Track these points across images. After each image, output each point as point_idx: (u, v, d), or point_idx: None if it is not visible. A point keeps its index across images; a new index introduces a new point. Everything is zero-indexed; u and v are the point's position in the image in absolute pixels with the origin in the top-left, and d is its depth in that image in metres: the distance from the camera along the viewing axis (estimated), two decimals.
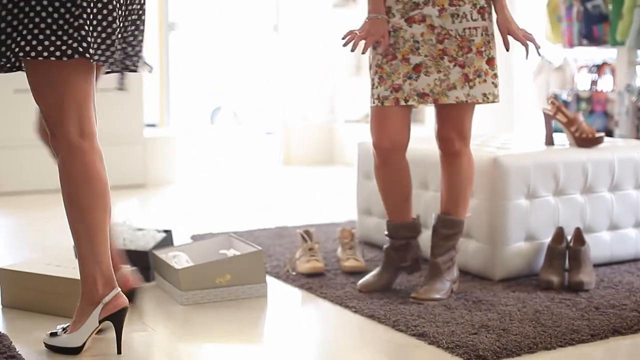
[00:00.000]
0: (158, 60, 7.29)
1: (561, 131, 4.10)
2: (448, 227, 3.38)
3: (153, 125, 7.22)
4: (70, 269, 3.24)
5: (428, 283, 3.34)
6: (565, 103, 5.57)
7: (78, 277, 3.06)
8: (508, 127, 6.31)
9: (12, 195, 5.90)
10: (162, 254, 3.57)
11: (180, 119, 9.52)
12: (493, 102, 3.27)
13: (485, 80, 3.24)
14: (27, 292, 3.24)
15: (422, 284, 3.36)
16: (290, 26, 7.98)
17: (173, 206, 5.73)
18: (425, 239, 3.58)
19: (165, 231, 3.86)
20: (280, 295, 3.48)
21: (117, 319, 2.74)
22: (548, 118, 3.97)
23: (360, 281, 3.48)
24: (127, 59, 2.86)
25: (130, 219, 3.92)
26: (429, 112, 7.24)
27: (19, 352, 2.72)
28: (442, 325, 2.97)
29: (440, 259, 3.37)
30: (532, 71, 5.98)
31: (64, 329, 2.78)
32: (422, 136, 4.26)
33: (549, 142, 3.95)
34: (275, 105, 8.18)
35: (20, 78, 2.86)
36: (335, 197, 6.01)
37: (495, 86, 3.26)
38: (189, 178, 6.93)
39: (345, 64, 7.85)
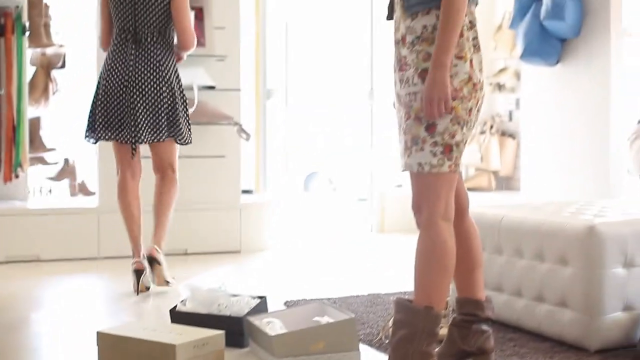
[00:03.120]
0: (254, 127, 7.41)
1: None
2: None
3: (249, 192, 7.32)
4: (165, 333, 3.30)
5: None
6: None
7: (173, 342, 3.13)
8: (605, 194, 6.18)
9: (110, 259, 6.02)
10: (257, 320, 3.60)
11: (275, 185, 9.62)
12: (430, 172, 2.94)
13: (422, 149, 2.94)
14: (125, 356, 3.30)
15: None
16: (385, 92, 8.03)
17: (267, 272, 5.78)
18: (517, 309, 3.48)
19: (260, 297, 3.90)
20: None
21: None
22: None
23: None
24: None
25: (226, 284, 3.98)
26: (524, 180, 7.17)
27: None
28: None
29: None
30: (627, 137, 5.85)
31: None
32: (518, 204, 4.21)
33: None
34: (369, 172, 8.21)
35: None
36: None
37: (435, 155, 2.93)
38: (283, 244, 6.99)
39: None
